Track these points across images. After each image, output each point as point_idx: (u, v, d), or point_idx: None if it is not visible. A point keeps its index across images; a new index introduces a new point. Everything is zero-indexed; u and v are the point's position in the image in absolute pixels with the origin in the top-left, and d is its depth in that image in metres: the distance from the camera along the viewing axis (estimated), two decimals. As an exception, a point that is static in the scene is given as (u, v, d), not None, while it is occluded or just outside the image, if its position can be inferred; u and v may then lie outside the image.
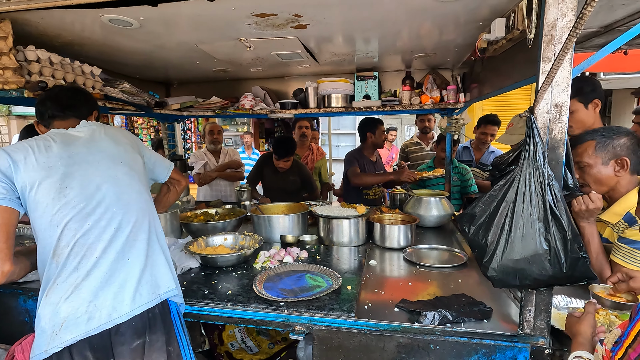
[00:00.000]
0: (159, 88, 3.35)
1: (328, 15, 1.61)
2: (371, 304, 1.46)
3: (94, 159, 1.32)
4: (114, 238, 1.26)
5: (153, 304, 1.27)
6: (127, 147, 1.46)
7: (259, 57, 2.37)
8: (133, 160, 1.45)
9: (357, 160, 3.27)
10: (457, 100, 2.60)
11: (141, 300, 1.25)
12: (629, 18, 1.83)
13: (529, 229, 1.11)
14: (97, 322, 1.16)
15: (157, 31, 1.80)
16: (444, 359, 1.28)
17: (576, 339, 1.01)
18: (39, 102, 1.45)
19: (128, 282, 1.24)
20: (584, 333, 1.00)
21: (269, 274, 1.74)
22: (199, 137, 7.58)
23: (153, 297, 1.28)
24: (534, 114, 1.12)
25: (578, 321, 1.06)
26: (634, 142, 1.44)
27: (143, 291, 1.26)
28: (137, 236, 1.31)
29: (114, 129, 1.52)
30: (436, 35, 2.00)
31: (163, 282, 1.33)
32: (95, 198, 1.26)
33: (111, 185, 1.31)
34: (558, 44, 1.07)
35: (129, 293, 1.23)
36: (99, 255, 1.22)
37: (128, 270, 1.25)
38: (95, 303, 1.18)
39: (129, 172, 1.39)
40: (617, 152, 1.44)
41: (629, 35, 1.08)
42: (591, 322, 1.03)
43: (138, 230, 1.32)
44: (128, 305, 1.22)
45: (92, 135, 1.39)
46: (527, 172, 1.11)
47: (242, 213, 2.53)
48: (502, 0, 1.46)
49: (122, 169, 1.37)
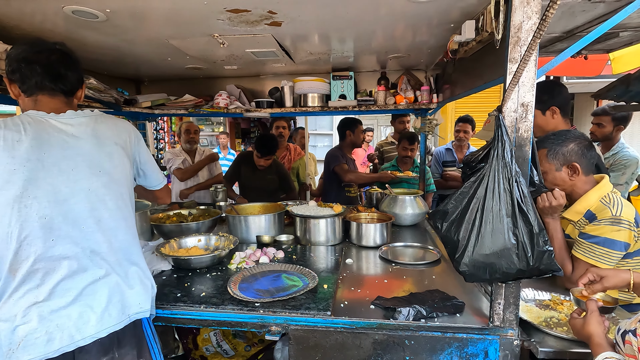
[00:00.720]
0: (129, 85, 3.23)
1: (303, 12, 1.60)
2: (347, 302, 1.47)
3: (68, 166, 1.17)
4: (82, 255, 1.16)
5: (123, 324, 1.21)
6: (114, 148, 1.28)
7: (234, 55, 2.33)
8: (116, 168, 1.28)
9: (342, 157, 3.33)
10: (430, 101, 2.66)
11: (110, 321, 1.17)
12: (588, 24, 1.93)
13: (498, 224, 1.15)
14: (57, 343, 1.08)
15: (125, 25, 1.73)
16: (419, 353, 1.30)
17: (592, 340, 0.97)
18: (22, 58, 1.18)
19: (96, 302, 1.16)
20: (598, 333, 0.96)
21: (245, 274, 1.71)
22: (172, 136, 7.37)
23: (123, 318, 1.21)
24: (502, 113, 1.16)
25: (585, 323, 1.02)
26: (582, 146, 1.51)
27: (112, 312, 1.19)
28: (108, 253, 1.22)
29: (107, 123, 1.31)
30: (410, 37, 2.04)
31: (136, 302, 1.25)
32: (62, 211, 1.14)
33: (81, 199, 1.18)
34: (524, 46, 1.11)
35: (96, 313, 1.15)
36: (65, 274, 1.13)
37: (97, 289, 1.17)
38: (57, 323, 1.09)
39: (108, 183, 1.24)
40: (568, 158, 1.52)
41: (586, 41, 1.14)
42: (599, 320, 0.99)
43: (109, 249, 1.22)
44: (94, 326, 1.14)
45: (78, 130, 1.21)
46: (496, 169, 1.15)
47: (217, 214, 2.48)
48: (472, 2, 1.51)
49: (99, 179, 1.22)
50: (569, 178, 1.53)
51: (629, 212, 1.43)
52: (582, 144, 1.52)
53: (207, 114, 2.95)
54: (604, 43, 2.35)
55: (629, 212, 1.42)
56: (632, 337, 0.85)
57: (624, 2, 1.57)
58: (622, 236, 1.40)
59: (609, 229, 1.41)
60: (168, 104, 2.85)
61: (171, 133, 7.37)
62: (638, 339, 0.83)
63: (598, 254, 1.41)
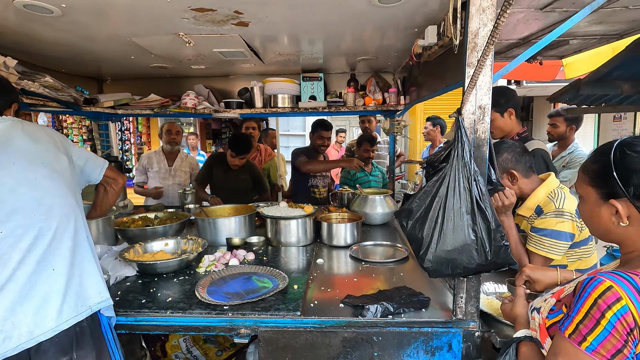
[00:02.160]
0: (90, 84, 3.08)
1: (270, 13, 1.60)
2: (317, 302, 1.48)
3: (8, 160, 1.18)
4: (33, 247, 1.13)
5: (83, 316, 1.17)
6: (48, 145, 1.32)
7: (200, 54, 2.28)
8: (56, 161, 1.31)
9: (305, 153, 3.35)
10: (398, 103, 2.73)
11: (69, 313, 1.14)
12: (541, 32, 2.06)
13: (458, 222, 1.20)
14: (15, 341, 1.04)
15: (83, 21, 1.66)
16: (386, 349, 1.33)
17: (517, 321, 1.06)
18: None
19: (53, 295, 1.13)
20: (522, 314, 1.06)
21: (213, 277, 1.68)
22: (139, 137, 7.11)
23: (83, 309, 1.18)
24: (461, 115, 1.21)
25: (512, 306, 1.11)
26: (515, 153, 1.64)
27: (71, 303, 1.15)
28: (60, 243, 1.19)
29: (34, 125, 1.36)
30: (377, 40, 2.08)
31: (95, 291, 1.23)
32: (9, 203, 1.13)
33: (29, 189, 1.18)
34: (480, 51, 1.17)
35: (54, 306, 1.12)
36: (15, 267, 1.09)
37: (52, 281, 1.14)
38: (13, 321, 1.05)
39: (51, 174, 1.26)
40: (505, 167, 1.64)
41: (538, 47, 1.21)
42: (524, 304, 1.09)
43: (62, 237, 1.20)
44: (53, 319, 1.10)
45: (7, 133, 1.24)
46: (457, 168, 1.20)
47: (185, 216, 2.42)
48: (434, 8, 1.56)
49: (42, 170, 1.24)
50: (511, 184, 1.64)
51: (571, 205, 1.55)
52: (515, 151, 1.64)
53: (175, 115, 2.88)
54: (556, 50, 2.51)
55: (571, 204, 1.55)
56: (536, 314, 0.94)
57: (571, 11, 1.68)
58: (566, 227, 1.52)
59: (554, 221, 1.53)
60: (132, 104, 2.75)
61: (137, 134, 7.11)
62: (540, 315, 0.92)
63: (548, 245, 1.52)
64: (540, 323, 0.91)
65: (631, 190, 0.78)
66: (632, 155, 0.79)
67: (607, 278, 0.74)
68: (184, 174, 3.62)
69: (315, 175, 3.44)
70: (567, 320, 0.78)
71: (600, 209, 0.86)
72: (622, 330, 0.70)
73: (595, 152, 0.89)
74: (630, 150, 0.80)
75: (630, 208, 0.80)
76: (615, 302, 0.71)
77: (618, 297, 0.71)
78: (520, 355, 0.94)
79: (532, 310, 0.98)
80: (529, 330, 0.99)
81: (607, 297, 0.72)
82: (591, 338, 0.73)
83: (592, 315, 0.73)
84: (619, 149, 0.82)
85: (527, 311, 1.06)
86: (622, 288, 0.72)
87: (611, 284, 0.73)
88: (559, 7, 1.64)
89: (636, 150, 0.79)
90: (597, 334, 0.72)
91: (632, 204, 0.79)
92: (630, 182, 0.78)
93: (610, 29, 2.07)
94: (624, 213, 0.81)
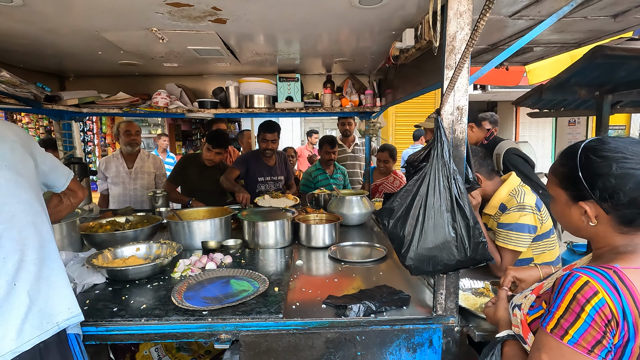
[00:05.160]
0: (51, 80, 2.90)
1: (249, 11, 1.57)
2: (299, 304, 1.46)
3: None
4: None
5: (49, 334, 1.07)
6: (14, 145, 1.20)
7: (174, 51, 2.21)
8: (22, 163, 1.20)
9: (247, 162, 3.22)
10: (374, 104, 2.77)
11: (32, 332, 1.04)
12: (509, 39, 2.16)
13: (439, 219, 1.23)
14: None
15: (45, 12, 1.55)
16: (369, 347, 1.33)
17: (499, 324, 1.08)
18: None
19: (13, 312, 1.03)
20: (504, 317, 1.09)
21: (190, 282, 1.62)
22: (102, 138, 6.77)
23: (49, 327, 1.08)
24: (440, 115, 1.24)
25: (495, 309, 1.13)
26: (478, 157, 1.76)
27: (34, 321, 1.05)
28: (24, 256, 1.09)
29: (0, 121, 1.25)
30: (354, 42, 2.10)
31: (64, 307, 1.13)
32: None
33: None
34: (458, 54, 1.21)
35: (13, 325, 1.02)
36: None
37: (13, 297, 1.04)
38: None
39: (15, 177, 1.15)
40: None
41: (508, 53, 1.27)
42: (506, 307, 1.12)
43: (26, 249, 1.10)
44: (13, 340, 1.01)
45: None
46: (437, 167, 1.22)
47: (157, 220, 2.31)
48: (411, 12, 1.60)
49: (5, 174, 1.13)
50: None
51: (531, 199, 1.67)
52: (478, 155, 1.77)
53: (145, 114, 2.76)
54: (521, 56, 2.65)
55: (531, 198, 1.66)
56: (517, 311, 0.98)
57: (537, 19, 1.78)
58: (528, 220, 1.62)
59: (518, 215, 1.63)
60: (99, 102, 2.61)
61: (102, 135, 6.77)
62: (521, 312, 0.96)
63: (514, 239, 1.61)
64: (522, 319, 0.95)
65: (597, 192, 0.83)
66: (596, 161, 0.84)
67: (583, 274, 0.78)
68: (147, 175, 3.41)
69: (265, 181, 3.32)
70: (548, 316, 0.82)
71: (570, 209, 0.91)
72: (600, 322, 0.75)
73: (563, 155, 0.94)
74: (594, 156, 0.84)
75: (597, 209, 0.85)
76: (593, 296, 0.75)
77: (595, 291, 0.75)
78: (504, 355, 0.98)
79: (513, 307, 1.01)
80: (510, 330, 1.02)
81: (585, 291, 0.76)
82: (572, 331, 0.76)
83: (572, 310, 0.77)
84: (584, 154, 0.86)
85: (508, 313, 1.09)
86: (598, 282, 0.76)
87: (588, 279, 0.77)
88: (525, 15, 1.73)
89: (600, 155, 0.84)
90: (578, 327, 0.76)
91: (599, 206, 0.84)
92: (596, 186, 0.83)
93: (570, 38, 2.21)
94: (592, 213, 0.86)
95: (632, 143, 0.83)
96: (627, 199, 0.80)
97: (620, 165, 0.81)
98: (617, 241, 0.85)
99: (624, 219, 0.83)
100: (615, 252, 0.85)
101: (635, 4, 1.66)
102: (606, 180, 0.81)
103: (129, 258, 1.82)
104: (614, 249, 0.86)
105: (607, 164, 0.82)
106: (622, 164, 0.81)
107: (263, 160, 3.28)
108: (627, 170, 0.80)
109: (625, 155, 0.81)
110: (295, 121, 10.38)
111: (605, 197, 0.82)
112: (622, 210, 0.82)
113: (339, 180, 3.57)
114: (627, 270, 0.78)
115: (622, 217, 0.83)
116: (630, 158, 0.81)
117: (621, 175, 0.80)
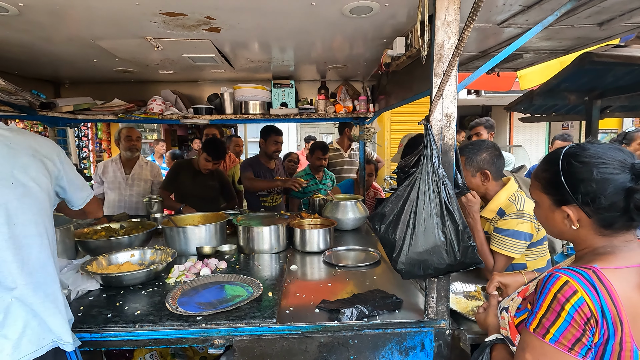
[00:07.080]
0: (47, 87, 2.91)
1: (242, 20, 1.60)
2: (293, 308, 1.47)
3: None
4: None
5: (45, 350, 1.08)
6: (29, 160, 1.14)
7: (169, 59, 2.23)
8: (34, 181, 1.14)
9: (252, 167, 3.32)
10: (367, 110, 2.80)
11: (29, 347, 1.05)
12: (498, 46, 2.21)
13: (429, 224, 1.25)
14: None
15: (41, 21, 1.57)
16: (362, 351, 1.35)
17: (489, 330, 1.11)
18: None
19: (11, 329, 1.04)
20: (493, 323, 1.11)
21: (184, 288, 1.63)
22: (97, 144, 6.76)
23: (45, 343, 1.09)
24: (429, 122, 1.27)
25: (486, 315, 1.14)
26: (493, 156, 1.74)
27: (32, 337, 1.06)
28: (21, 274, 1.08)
29: (26, 134, 1.20)
30: (347, 49, 2.14)
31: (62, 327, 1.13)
32: None
33: None
34: (446, 62, 1.24)
35: (10, 340, 1.02)
36: None
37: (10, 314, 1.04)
38: None
39: (21, 197, 1.10)
40: (480, 166, 1.73)
41: (497, 59, 1.31)
42: (496, 312, 1.13)
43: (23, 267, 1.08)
44: (9, 355, 1.01)
45: None
46: (426, 173, 1.25)
47: (152, 226, 2.32)
48: (402, 21, 1.64)
49: (12, 192, 1.08)
50: (482, 183, 1.74)
51: (530, 207, 1.66)
52: (494, 153, 1.74)
53: (140, 120, 2.77)
54: (512, 62, 2.70)
55: (530, 206, 1.66)
56: (505, 313, 1.01)
57: (525, 27, 1.82)
58: (526, 227, 1.62)
59: (515, 222, 1.63)
60: (94, 109, 2.62)
61: (97, 140, 6.76)
62: (508, 314, 0.99)
63: (509, 245, 1.62)
64: (509, 322, 0.97)
65: (579, 197, 0.86)
66: (577, 166, 0.87)
67: (562, 274, 0.81)
68: (143, 182, 3.41)
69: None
70: (531, 316, 0.84)
71: (553, 213, 0.94)
72: (580, 321, 0.77)
73: (545, 161, 0.97)
74: (575, 161, 0.87)
75: (580, 213, 0.88)
76: (572, 295, 0.78)
77: (574, 290, 0.78)
78: (493, 359, 1.00)
79: (501, 310, 1.04)
80: (499, 334, 1.05)
81: (565, 291, 0.78)
82: (553, 330, 0.79)
83: (553, 309, 0.79)
84: (565, 160, 0.89)
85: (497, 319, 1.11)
86: (577, 282, 0.78)
87: (567, 279, 0.79)
88: (514, 24, 1.78)
89: (581, 160, 0.87)
90: (559, 326, 0.78)
91: (581, 209, 0.87)
92: (578, 190, 0.86)
93: (558, 45, 2.26)
94: (575, 217, 0.89)
95: (610, 149, 0.86)
96: (608, 202, 0.83)
97: (601, 171, 0.83)
98: (597, 243, 0.88)
99: (604, 222, 0.86)
100: (595, 253, 0.88)
101: (619, 13, 1.71)
102: (588, 185, 0.84)
103: (124, 264, 1.83)
104: (594, 250, 0.88)
105: (588, 170, 0.85)
106: (602, 169, 0.83)
107: (264, 164, 3.38)
108: (607, 175, 0.83)
109: (605, 160, 0.84)
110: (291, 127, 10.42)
111: (587, 201, 0.85)
112: (602, 214, 0.85)
113: (327, 187, 3.59)
114: (605, 270, 0.80)
115: (602, 220, 0.86)
116: (609, 163, 0.84)
117: (602, 180, 0.83)
